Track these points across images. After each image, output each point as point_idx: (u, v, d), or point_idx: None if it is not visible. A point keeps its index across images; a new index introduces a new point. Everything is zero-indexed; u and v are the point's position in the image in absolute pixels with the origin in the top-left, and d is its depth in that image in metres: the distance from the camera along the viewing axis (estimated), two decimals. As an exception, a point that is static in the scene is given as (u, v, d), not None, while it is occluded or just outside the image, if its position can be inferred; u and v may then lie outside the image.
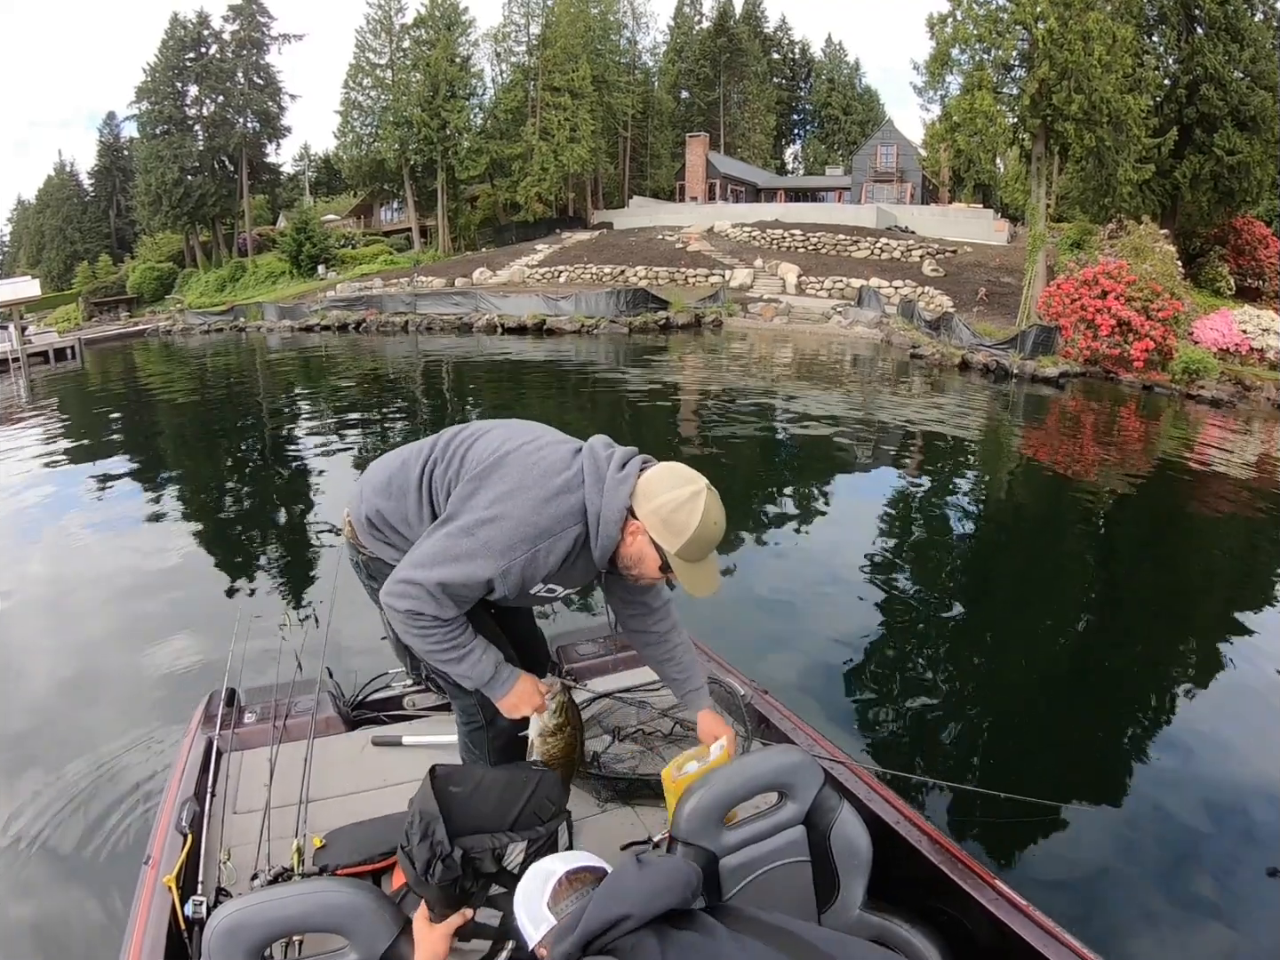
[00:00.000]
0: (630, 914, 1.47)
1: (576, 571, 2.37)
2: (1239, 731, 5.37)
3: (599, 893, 1.52)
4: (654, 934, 1.46)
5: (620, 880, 1.53)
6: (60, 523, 9.99)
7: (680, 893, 1.48)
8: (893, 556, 8.62)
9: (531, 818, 2.13)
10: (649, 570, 2.28)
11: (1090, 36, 24.92)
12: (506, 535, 2.18)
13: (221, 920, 1.72)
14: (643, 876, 1.51)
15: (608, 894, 1.53)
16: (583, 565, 2.35)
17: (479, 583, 2.22)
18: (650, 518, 2.20)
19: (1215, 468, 13.64)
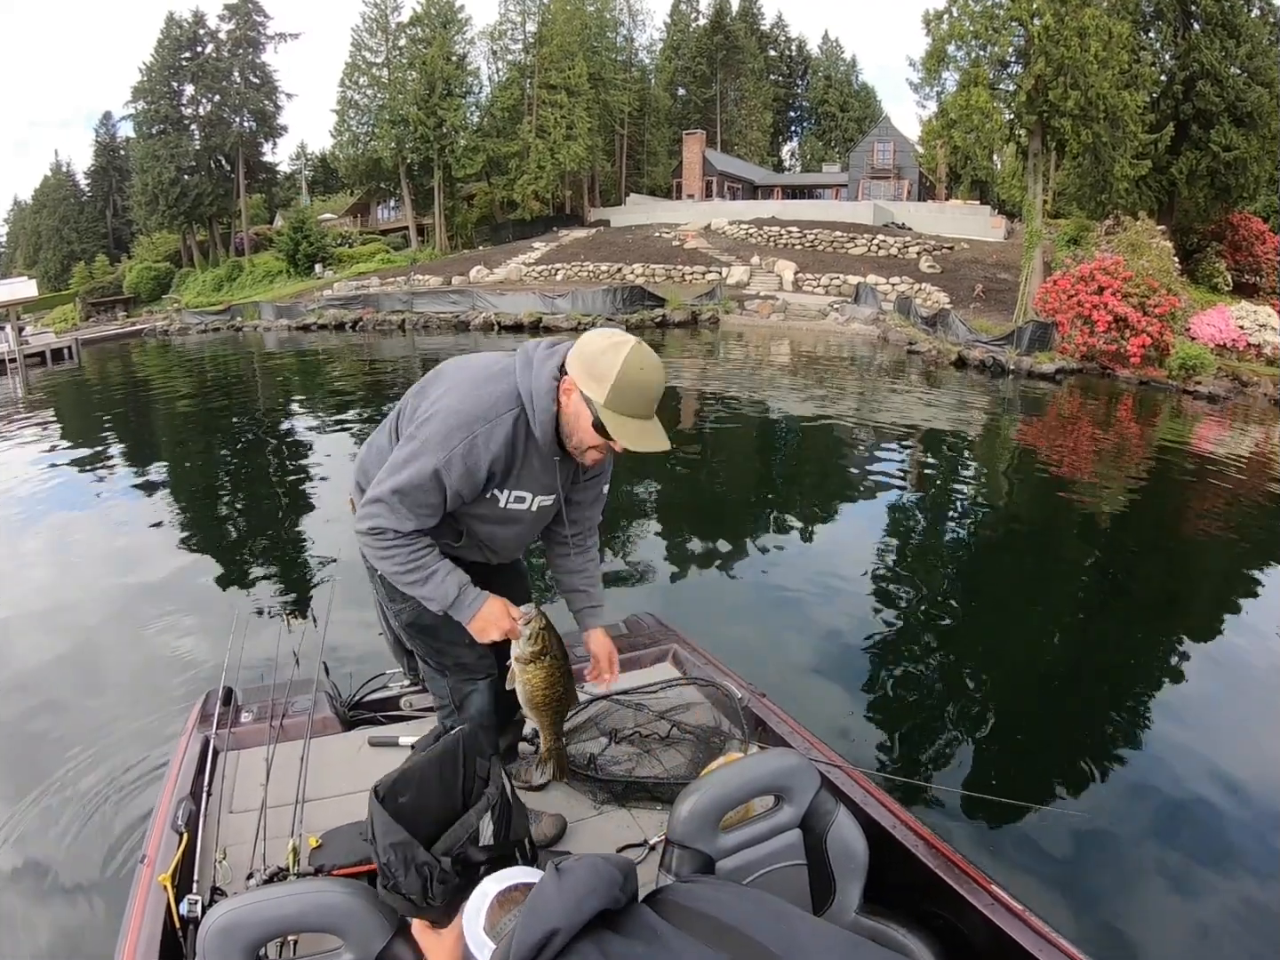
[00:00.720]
0: (558, 928, 1.41)
1: (534, 470, 2.42)
2: (1236, 732, 5.38)
3: (523, 912, 1.48)
4: (593, 943, 1.42)
5: (541, 895, 1.48)
6: (57, 523, 10.00)
7: (606, 892, 1.44)
8: (889, 558, 8.61)
9: (476, 782, 2.11)
10: (585, 432, 2.29)
11: (1086, 32, 24.90)
12: (443, 426, 2.25)
13: (216, 919, 1.72)
14: (563, 885, 1.46)
15: (530, 912, 1.47)
16: (538, 461, 2.41)
17: (427, 478, 2.26)
18: (576, 368, 2.25)
19: (1212, 463, 13.65)
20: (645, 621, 4.50)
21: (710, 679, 3.66)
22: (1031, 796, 4.43)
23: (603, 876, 1.43)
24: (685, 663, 3.97)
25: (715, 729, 3.36)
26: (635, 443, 2.25)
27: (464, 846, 1.93)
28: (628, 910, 1.49)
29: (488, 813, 2.04)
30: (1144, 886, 3.94)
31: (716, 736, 3.30)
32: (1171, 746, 5.13)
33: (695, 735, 3.33)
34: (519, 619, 2.41)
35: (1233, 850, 4.18)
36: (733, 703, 3.43)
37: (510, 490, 2.43)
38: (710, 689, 3.62)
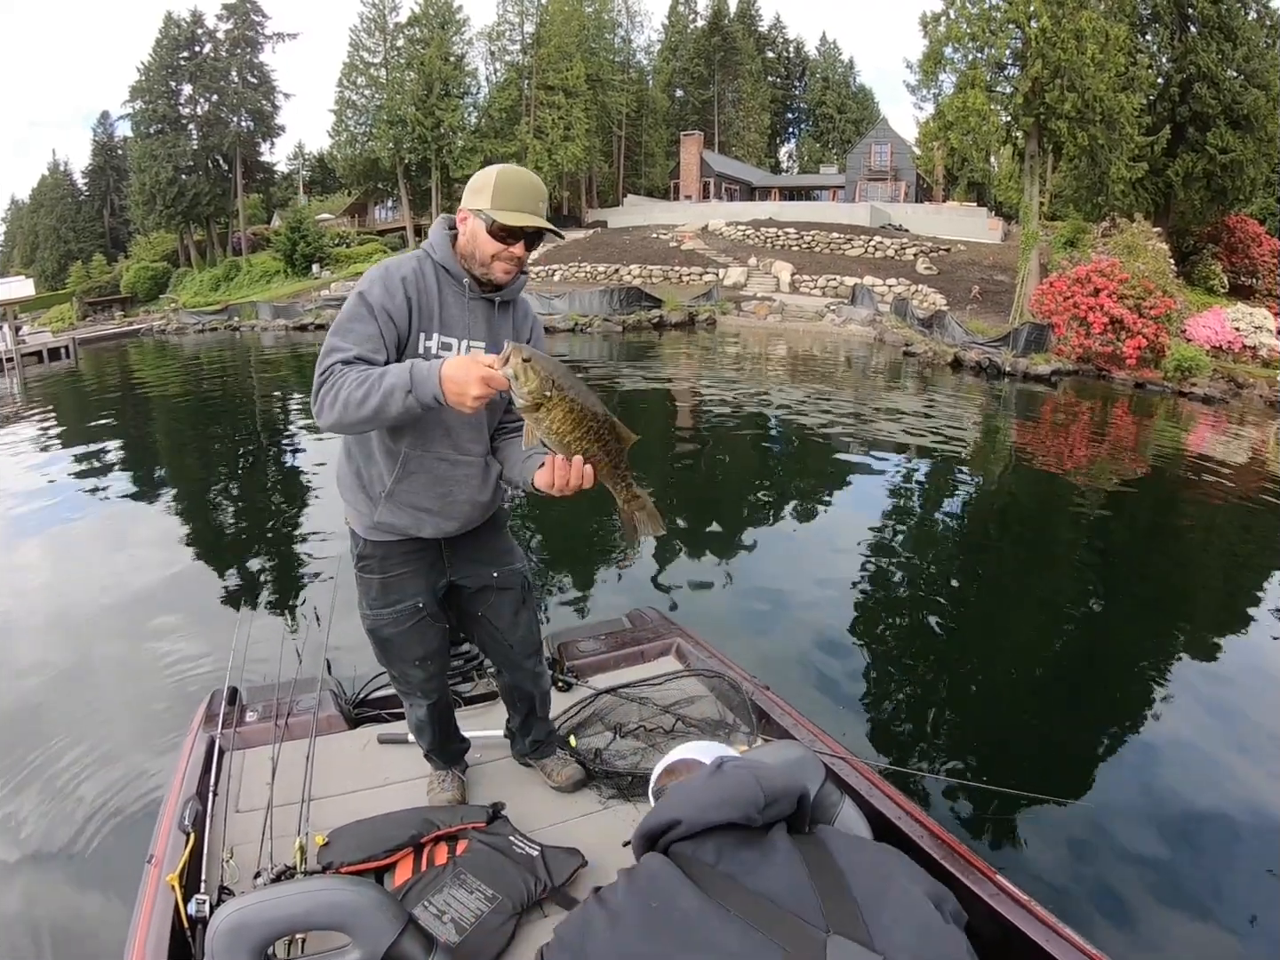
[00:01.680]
0: (680, 820, 1.48)
1: (451, 310, 2.48)
2: (1237, 725, 5.41)
3: (670, 791, 1.55)
4: (714, 841, 1.46)
5: (687, 785, 1.54)
6: (55, 524, 9.97)
7: (740, 809, 1.44)
8: (890, 554, 8.65)
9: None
10: (484, 242, 2.40)
11: (1083, 35, 24.98)
12: (364, 280, 2.40)
13: (224, 919, 1.73)
14: (708, 786, 1.50)
15: (671, 795, 1.55)
16: (453, 299, 2.49)
17: (354, 305, 2.35)
18: (465, 199, 2.44)
19: (1207, 465, 13.68)
20: (648, 616, 4.53)
21: (715, 671, 3.69)
22: (1035, 787, 4.42)
23: (744, 792, 1.44)
24: (689, 656, 3.99)
25: (720, 722, 3.37)
26: (525, 221, 2.35)
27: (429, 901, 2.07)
28: (773, 827, 1.50)
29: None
30: (1148, 875, 3.96)
31: (721, 729, 3.32)
32: (1172, 737, 5.17)
33: (700, 729, 3.34)
34: (495, 364, 2.02)
35: (1239, 839, 4.21)
36: (737, 695, 3.46)
37: (437, 335, 2.46)
38: (714, 681, 3.65)
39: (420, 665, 2.79)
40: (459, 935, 2.28)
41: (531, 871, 2.52)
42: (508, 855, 2.58)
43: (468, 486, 2.61)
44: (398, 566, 2.68)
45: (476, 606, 2.87)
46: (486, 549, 2.83)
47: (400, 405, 2.14)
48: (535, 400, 1.99)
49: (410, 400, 2.13)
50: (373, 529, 2.62)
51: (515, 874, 2.50)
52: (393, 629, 2.71)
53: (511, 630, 2.92)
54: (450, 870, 2.52)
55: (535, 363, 1.97)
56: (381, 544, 2.65)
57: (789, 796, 1.47)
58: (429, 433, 2.50)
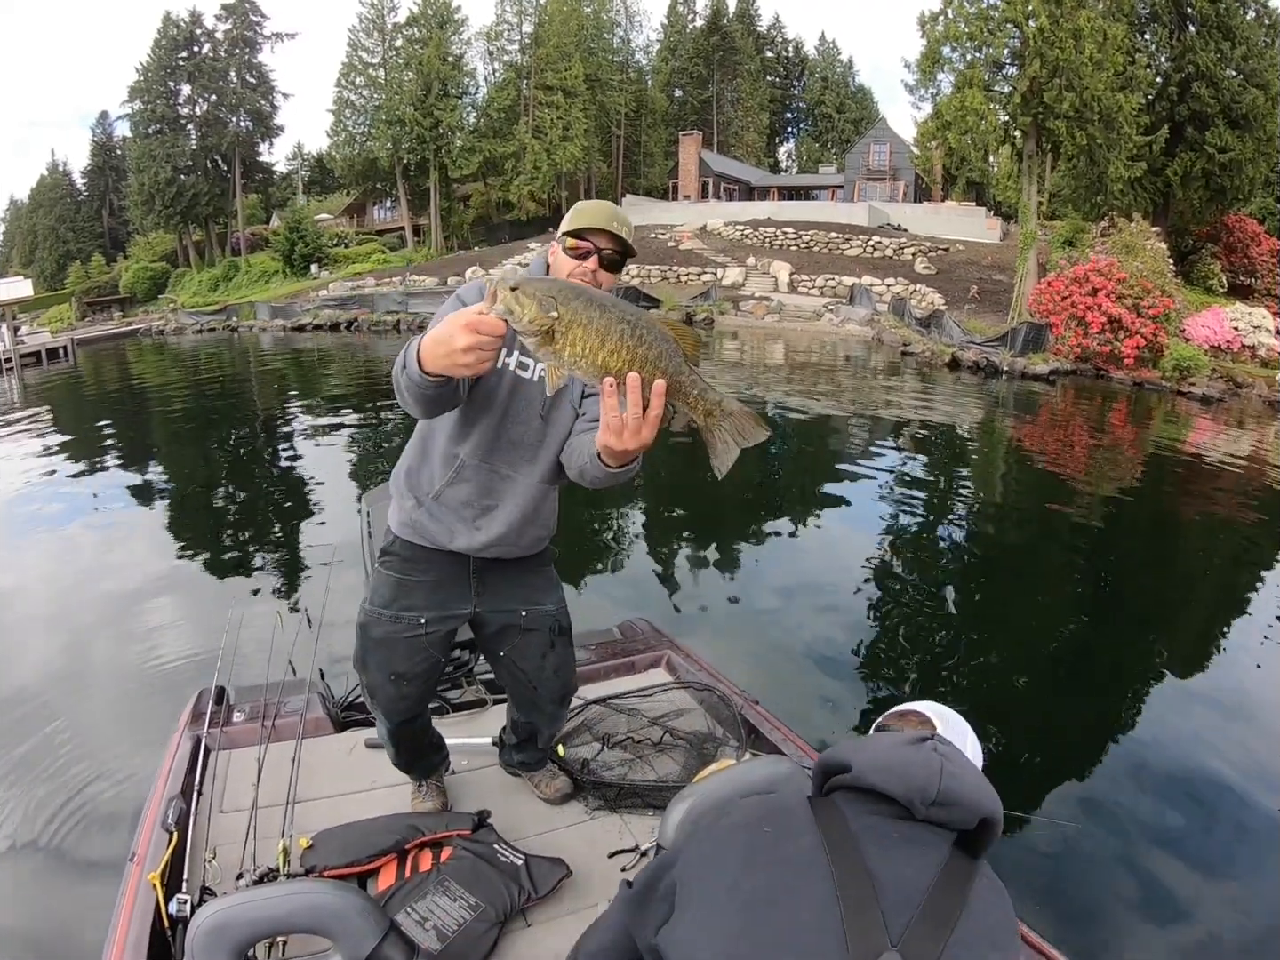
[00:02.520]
0: (850, 766, 1.46)
1: None
2: (1230, 737, 5.40)
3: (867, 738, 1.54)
4: (865, 810, 1.43)
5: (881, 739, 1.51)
6: (52, 523, 10.00)
7: (905, 788, 1.38)
8: (882, 564, 8.63)
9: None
10: (562, 265, 2.42)
11: (1081, 34, 24.99)
12: (464, 287, 2.40)
13: (205, 919, 1.72)
14: (893, 749, 1.45)
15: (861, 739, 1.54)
16: None
17: (450, 305, 2.29)
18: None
19: (1206, 464, 13.70)
20: (639, 627, 4.51)
21: (705, 685, 3.68)
22: (1024, 805, 4.43)
23: (919, 777, 1.38)
24: (679, 669, 3.98)
25: (708, 735, 3.36)
26: (588, 223, 2.37)
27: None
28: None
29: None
30: (1135, 896, 3.95)
31: (709, 743, 3.31)
32: (1166, 754, 5.15)
33: (688, 742, 3.34)
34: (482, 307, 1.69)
35: (1226, 858, 4.21)
36: (727, 709, 3.46)
37: (516, 354, 2.41)
38: (704, 695, 3.64)
39: (394, 682, 2.68)
40: (441, 943, 2.27)
41: (515, 880, 2.51)
42: (492, 864, 2.57)
43: (512, 505, 2.54)
44: (417, 574, 2.62)
45: (500, 646, 2.78)
46: (518, 585, 2.73)
47: (404, 383, 1.99)
48: (541, 328, 1.60)
49: (406, 377, 1.96)
50: (407, 526, 2.59)
51: (499, 882, 2.49)
52: (383, 633, 2.62)
53: (537, 674, 2.81)
54: (434, 877, 2.51)
55: (526, 287, 1.61)
56: (410, 545, 2.61)
57: (966, 809, 1.38)
58: (490, 444, 2.46)
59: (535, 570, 2.78)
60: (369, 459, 13.05)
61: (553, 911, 2.51)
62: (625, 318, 1.62)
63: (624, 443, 1.72)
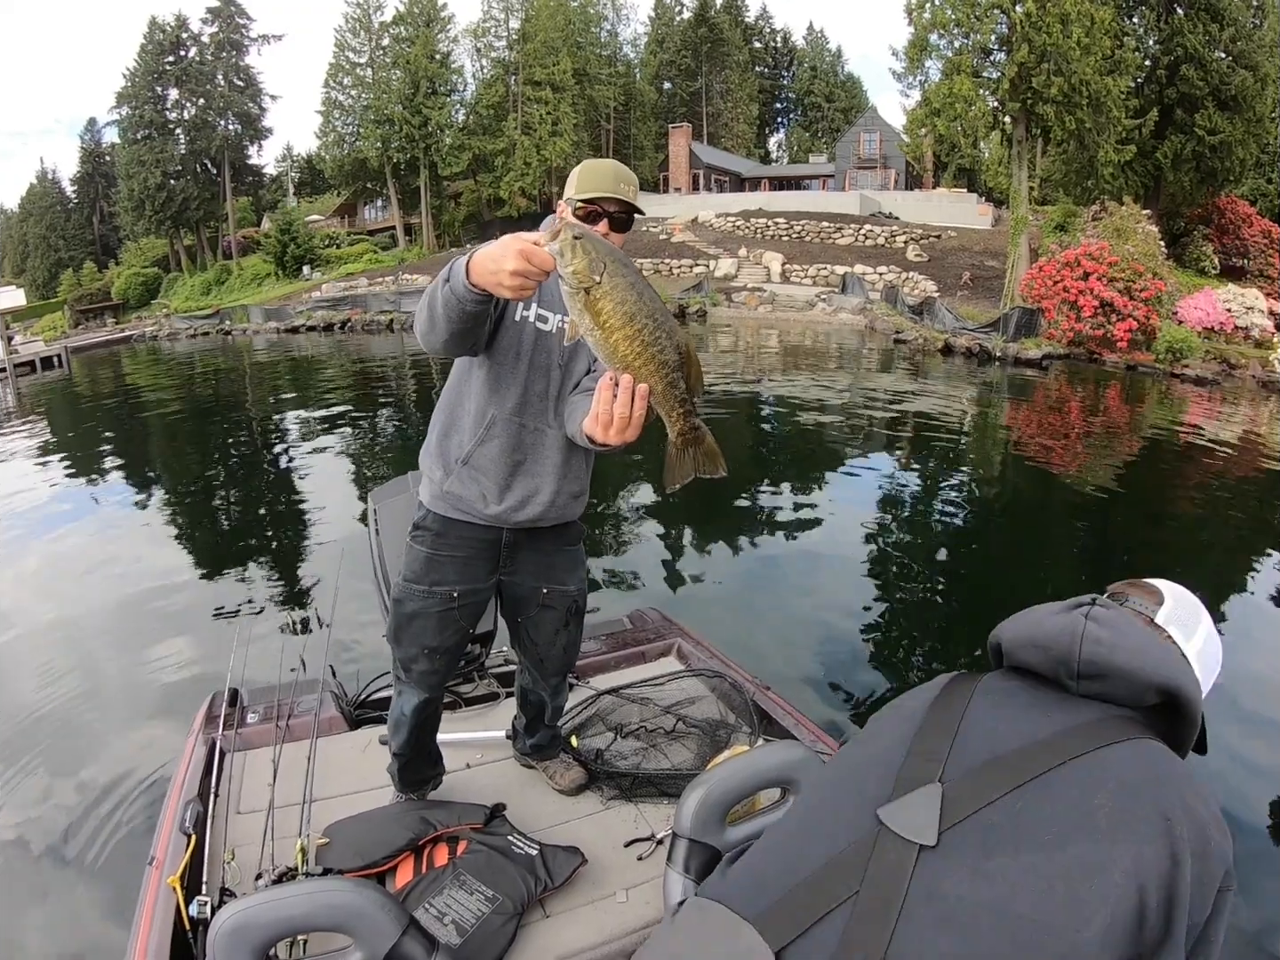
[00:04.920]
0: (1000, 642, 1.46)
1: (551, 285, 2.37)
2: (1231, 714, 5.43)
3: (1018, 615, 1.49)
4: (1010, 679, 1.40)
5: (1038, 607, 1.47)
6: (55, 532, 9.95)
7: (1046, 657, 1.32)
8: (885, 549, 8.66)
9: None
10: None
11: (1068, 19, 24.99)
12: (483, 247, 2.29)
13: (226, 920, 1.71)
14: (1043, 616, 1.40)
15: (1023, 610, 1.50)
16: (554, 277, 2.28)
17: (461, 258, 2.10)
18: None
19: (1200, 445, 13.73)
20: (649, 616, 4.53)
21: (716, 672, 3.69)
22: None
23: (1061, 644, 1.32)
24: (689, 657, 4.00)
25: (721, 722, 3.37)
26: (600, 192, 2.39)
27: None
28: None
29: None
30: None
31: (722, 730, 3.32)
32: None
33: (701, 729, 3.34)
34: (541, 239, 1.78)
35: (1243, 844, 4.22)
36: (739, 696, 3.47)
37: (535, 306, 2.48)
38: (715, 682, 3.65)
39: (428, 656, 2.73)
40: (460, 937, 2.28)
41: (531, 871, 2.52)
42: (507, 855, 2.58)
43: (542, 459, 2.60)
44: (448, 548, 2.66)
45: (518, 613, 2.85)
46: (545, 563, 2.79)
47: (441, 299, 2.06)
48: (582, 283, 1.69)
49: (447, 291, 2.02)
50: (439, 499, 2.63)
51: (515, 874, 2.50)
52: (418, 605, 2.67)
53: (547, 648, 2.90)
54: (450, 872, 2.52)
55: (587, 241, 1.69)
56: (441, 519, 2.64)
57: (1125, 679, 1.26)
58: (519, 399, 2.52)
59: (563, 548, 2.83)
60: (370, 457, 13.05)
61: (571, 902, 2.52)
62: (654, 314, 1.72)
63: (607, 437, 1.87)
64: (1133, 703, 1.26)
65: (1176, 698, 1.24)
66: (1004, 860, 1.15)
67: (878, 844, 1.23)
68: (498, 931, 2.33)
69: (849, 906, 1.20)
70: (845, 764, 1.43)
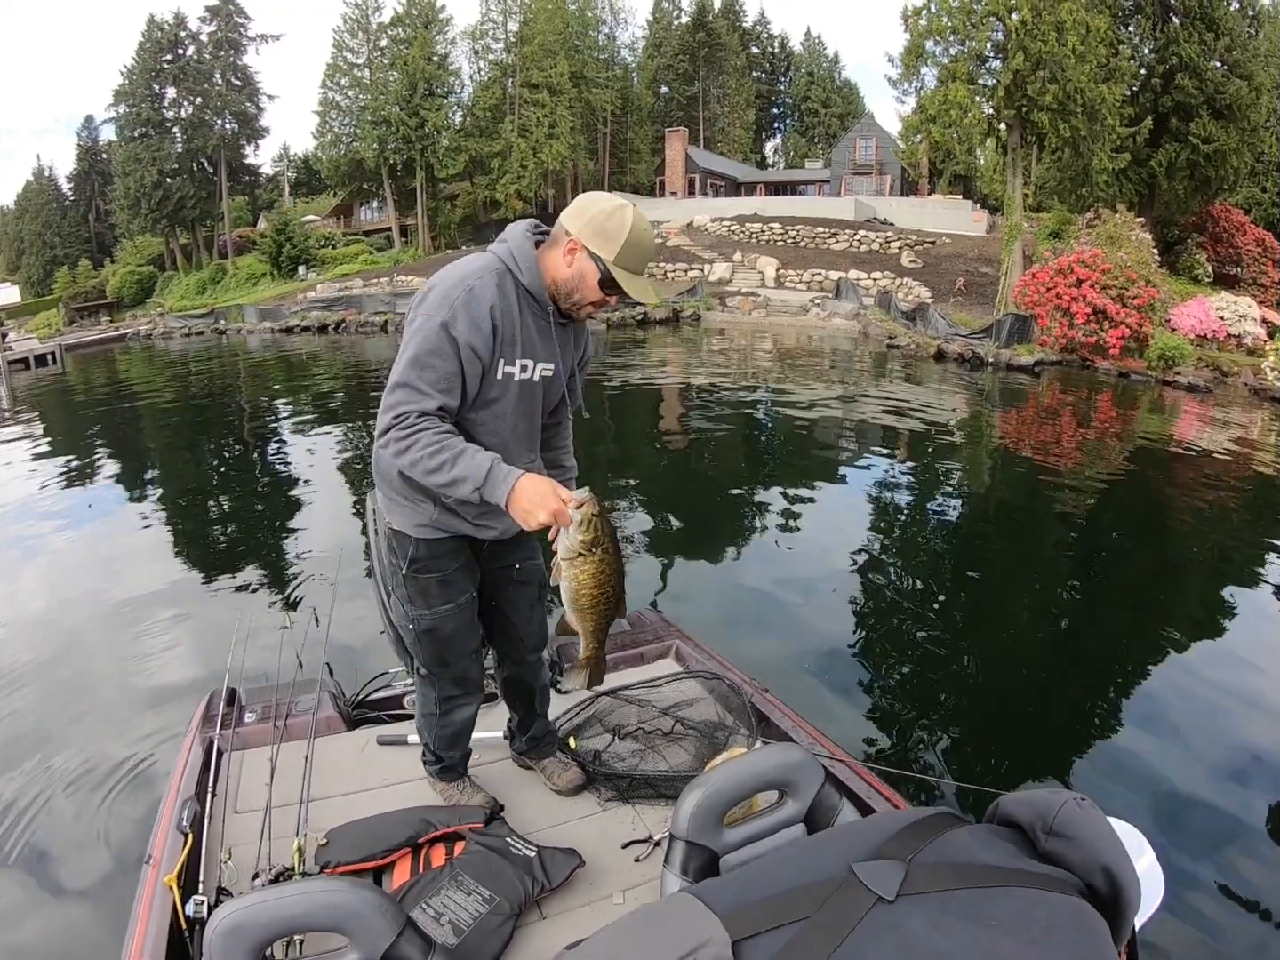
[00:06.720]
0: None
1: (531, 332, 2.45)
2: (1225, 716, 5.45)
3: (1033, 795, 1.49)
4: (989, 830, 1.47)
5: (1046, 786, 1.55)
6: (53, 530, 9.89)
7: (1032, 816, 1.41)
8: (884, 551, 8.68)
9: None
10: (590, 289, 2.41)
11: (1064, 27, 25.09)
12: (438, 292, 2.32)
13: (222, 920, 1.71)
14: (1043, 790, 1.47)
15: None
16: (534, 323, 2.46)
17: (435, 336, 2.27)
18: (585, 230, 2.34)
19: (1192, 452, 13.77)
20: (647, 617, 4.53)
21: (715, 674, 3.70)
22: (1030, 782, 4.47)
23: (1040, 804, 1.40)
24: (688, 658, 4.00)
25: (719, 724, 3.37)
26: (642, 295, 2.41)
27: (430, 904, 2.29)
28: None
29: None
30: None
31: (720, 732, 3.32)
32: (1170, 735, 5.17)
33: (699, 731, 3.35)
34: (570, 501, 2.20)
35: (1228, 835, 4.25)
36: (737, 697, 3.48)
37: (518, 361, 2.45)
38: (713, 684, 3.65)
39: (475, 656, 2.85)
40: (457, 937, 2.29)
41: (529, 872, 2.52)
42: (505, 856, 2.59)
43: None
44: (452, 562, 2.68)
45: (494, 597, 2.89)
46: (513, 543, 2.83)
47: (465, 494, 2.26)
48: (582, 550, 2.22)
49: (476, 495, 2.24)
50: (426, 528, 2.61)
51: (513, 875, 2.50)
52: (454, 623, 2.72)
53: (526, 624, 2.96)
54: (448, 872, 2.52)
55: (600, 520, 2.21)
56: (434, 542, 2.64)
57: (1086, 849, 1.35)
58: (503, 445, 2.51)
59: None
60: (363, 457, 13.03)
61: (567, 903, 2.53)
62: (614, 584, 2.33)
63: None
64: (1083, 874, 1.35)
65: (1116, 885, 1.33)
66: (956, 924, 1.23)
67: (844, 884, 1.32)
68: (494, 932, 2.33)
69: (804, 924, 1.28)
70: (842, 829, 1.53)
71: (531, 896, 2.47)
